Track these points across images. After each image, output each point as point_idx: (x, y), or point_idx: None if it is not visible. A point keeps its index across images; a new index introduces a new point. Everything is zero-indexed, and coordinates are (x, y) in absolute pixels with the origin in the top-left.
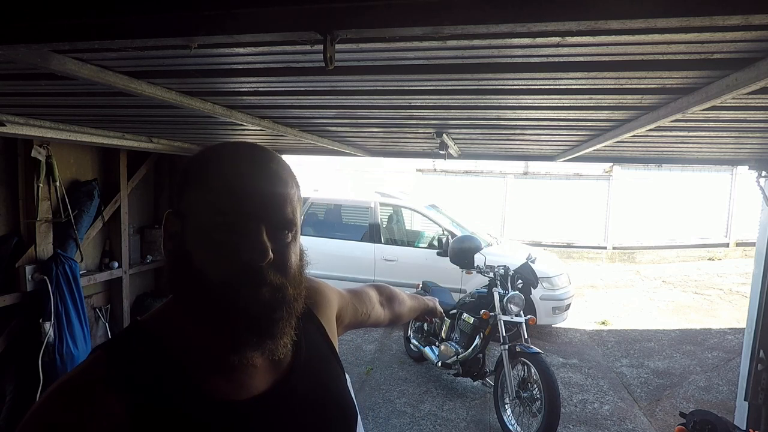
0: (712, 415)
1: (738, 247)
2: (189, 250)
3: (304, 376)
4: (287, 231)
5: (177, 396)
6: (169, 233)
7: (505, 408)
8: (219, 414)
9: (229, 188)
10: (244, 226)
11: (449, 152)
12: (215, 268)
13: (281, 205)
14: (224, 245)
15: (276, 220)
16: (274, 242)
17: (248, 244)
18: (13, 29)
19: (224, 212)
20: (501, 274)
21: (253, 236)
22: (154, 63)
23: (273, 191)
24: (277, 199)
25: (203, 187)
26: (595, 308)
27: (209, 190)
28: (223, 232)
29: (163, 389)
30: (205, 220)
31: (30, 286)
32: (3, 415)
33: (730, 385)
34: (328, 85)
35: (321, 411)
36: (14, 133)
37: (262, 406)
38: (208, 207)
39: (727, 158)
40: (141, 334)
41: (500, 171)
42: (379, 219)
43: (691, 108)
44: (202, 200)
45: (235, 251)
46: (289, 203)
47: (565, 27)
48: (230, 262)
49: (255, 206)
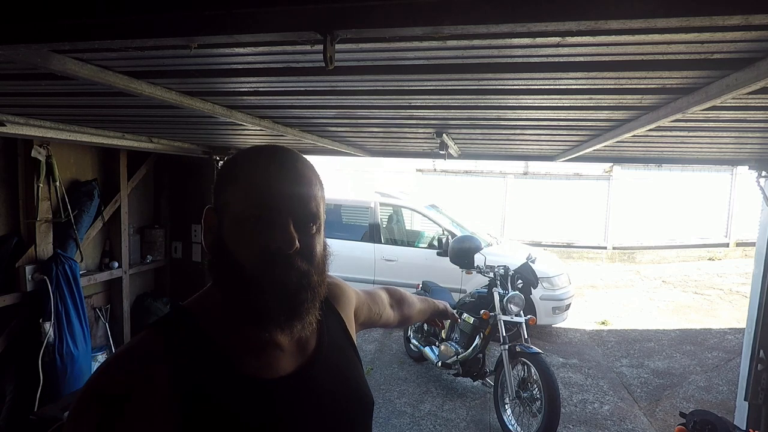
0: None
1: (738, 247)
2: (225, 241)
3: (327, 362)
4: (312, 224)
5: (212, 372)
6: (208, 226)
7: (505, 408)
8: (248, 389)
9: (261, 186)
10: (274, 220)
11: (449, 152)
12: (249, 255)
13: (307, 201)
14: (257, 236)
15: (302, 214)
16: (300, 233)
17: (278, 235)
18: (13, 29)
19: (257, 207)
20: (501, 274)
21: (282, 228)
22: (154, 63)
23: (299, 189)
24: (303, 196)
25: (238, 185)
26: (595, 308)
27: (243, 188)
28: (256, 224)
29: (200, 365)
30: (240, 214)
31: (30, 286)
32: (3, 415)
33: (730, 385)
34: (328, 85)
35: (341, 394)
36: (14, 133)
37: (288, 385)
38: (242, 203)
39: (727, 158)
40: (183, 316)
41: (500, 171)
42: (379, 219)
43: (691, 108)
44: (238, 197)
45: (267, 241)
46: (313, 199)
47: (565, 27)
48: (262, 250)
49: (284, 202)
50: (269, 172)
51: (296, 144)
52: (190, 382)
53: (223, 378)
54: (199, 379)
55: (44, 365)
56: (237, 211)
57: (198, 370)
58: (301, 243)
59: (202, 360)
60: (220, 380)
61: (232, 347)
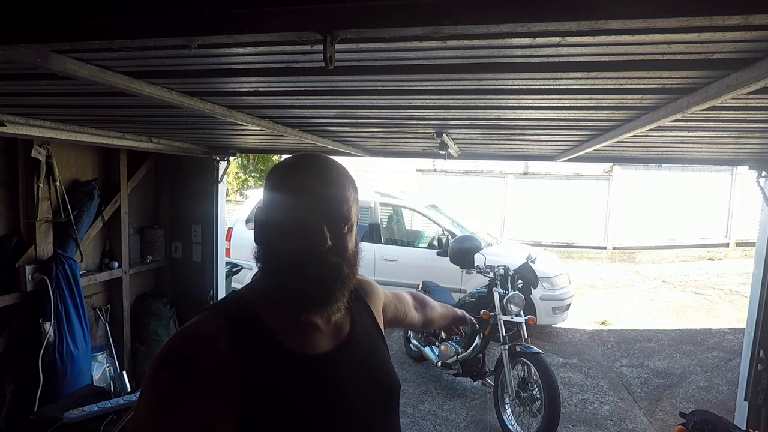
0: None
1: (738, 247)
2: (271, 239)
3: (359, 344)
4: (344, 224)
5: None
6: (258, 223)
7: (505, 408)
8: (293, 362)
9: (300, 192)
10: (310, 222)
11: (449, 152)
12: (289, 252)
13: (339, 205)
14: (296, 237)
15: (335, 217)
16: (333, 233)
17: (313, 235)
18: (13, 29)
19: (296, 210)
20: (501, 274)
21: (317, 229)
22: (154, 63)
23: (333, 194)
24: (336, 200)
25: (281, 190)
26: (595, 308)
27: (285, 193)
28: (295, 227)
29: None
30: (283, 218)
31: (30, 286)
32: (3, 415)
33: (730, 385)
34: (328, 85)
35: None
36: (14, 133)
37: (326, 361)
38: (284, 206)
39: (727, 158)
40: (239, 301)
41: (500, 171)
42: (379, 219)
43: (691, 108)
44: (280, 200)
45: (304, 238)
46: (345, 203)
47: (565, 27)
48: (300, 246)
49: (319, 206)
50: (307, 179)
51: (296, 144)
52: (247, 353)
53: (272, 352)
54: (253, 351)
55: (44, 365)
56: (280, 214)
57: (252, 344)
58: (333, 241)
59: (255, 336)
60: (270, 354)
61: (278, 328)
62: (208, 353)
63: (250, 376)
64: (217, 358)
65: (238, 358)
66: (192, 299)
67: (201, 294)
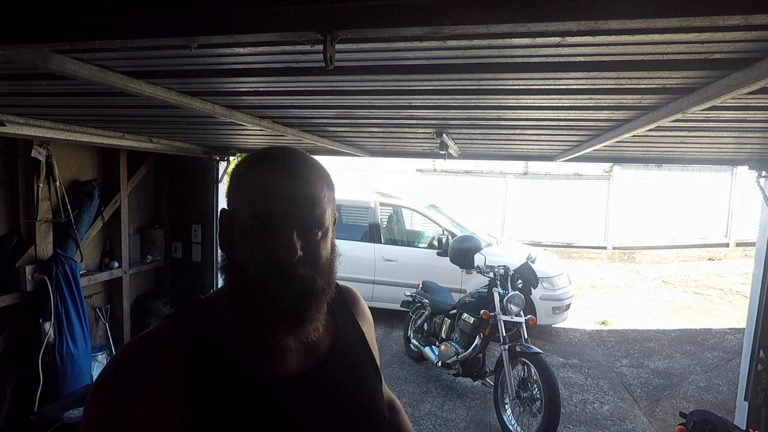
0: (712, 415)
1: (738, 247)
2: (234, 246)
3: (339, 367)
4: (316, 230)
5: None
6: (222, 228)
7: (505, 408)
8: (252, 387)
9: (264, 194)
10: (276, 228)
11: (449, 152)
12: (253, 263)
13: (310, 208)
14: (260, 244)
15: (305, 222)
16: (303, 240)
17: (279, 244)
18: (13, 29)
19: (259, 215)
20: (501, 274)
21: (284, 237)
22: (154, 63)
23: (302, 195)
24: (306, 202)
25: (244, 191)
26: (595, 308)
27: (248, 194)
28: (259, 233)
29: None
30: (246, 223)
31: (30, 286)
32: (3, 415)
33: (730, 385)
34: (328, 85)
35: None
36: (14, 133)
37: (294, 386)
38: (247, 210)
39: (727, 158)
40: (201, 309)
41: (500, 171)
42: (379, 219)
43: (691, 108)
44: (243, 203)
45: (269, 249)
46: (318, 206)
47: (565, 27)
48: (265, 258)
49: (286, 210)
50: (274, 179)
51: (296, 144)
52: (198, 374)
53: (228, 374)
54: (205, 373)
55: (44, 365)
56: (243, 218)
57: (206, 364)
58: (304, 250)
59: (210, 355)
60: (224, 376)
61: (240, 345)
62: (154, 366)
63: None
64: (163, 372)
65: (186, 379)
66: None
67: (201, 294)
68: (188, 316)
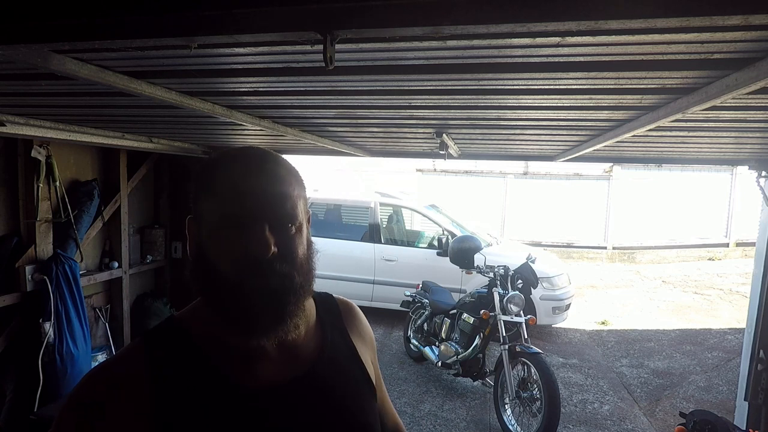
0: (712, 415)
1: (738, 247)
2: (204, 250)
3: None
4: (290, 224)
5: (199, 381)
6: (191, 236)
7: (505, 408)
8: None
9: (232, 191)
10: (248, 224)
11: (449, 152)
12: (227, 262)
13: (281, 202)
14: (232, 242)
15: (277, 216)
16: (278, 236)
17: (253, 240)
18: (13, 29)
19: (230, 213)
20: (501, 274)
21: (257, 233)
22: (154, 63)
23: (272, 190)
24: (277, 197)
25: (210, 191)
26: (595, 308)
27: (215, 194)
28: (230, 230)
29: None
30: (215, 221)
31: (30, 286)
32: (3, 415)
33: (730, 385)
34: (328, 85)
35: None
36: (14, 133)
37: (275, 396)
38: (215, 209)
39: (727, 158)
40: (174, 327)
41: (500, 171)
42: (379, 219)
43: (691, 108)
44: (211, 203)
45: (242, 247)
46: (288, 199)
47: (565, 27)
48: (239, 256)
49: (256, 205)
50: (240, 176)
51: (296, 144)
52: (173, 390)
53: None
54: (182, 387)
55: (44, 365)
56: (212, 219)
57: (183, 378)
58: (279, 246)
59: (187, 369)
60: (204, 389)
61: (219, 357)
62: (120, 394)
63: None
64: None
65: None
66: (192, 299)
67: None
68: (160, 333)
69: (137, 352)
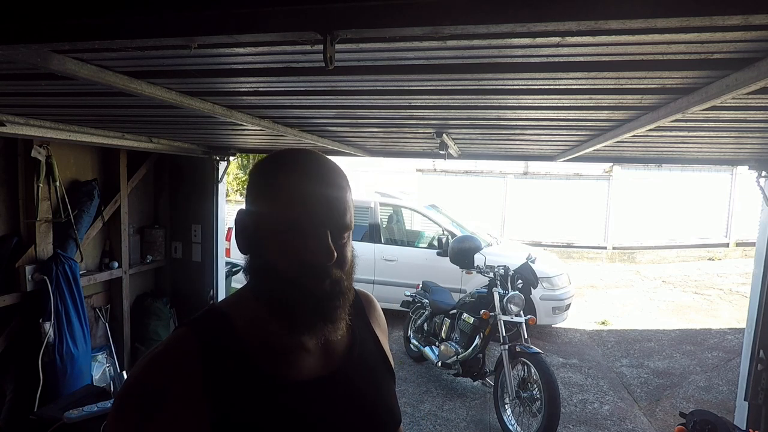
0: (712, 415)
1: (738, 247)
2: (263, 249)
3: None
4: (346, 233)
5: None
6: (242, 228)
7: (505, 408)
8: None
9: (298, 199)
10: (313, 232)
11: (449, 152)
12: (287, 263)
13: (343, 213)
14: (296, 247)
15: (338, 226)
16: (336, 243)
17: (317, 248)
18: (13, 29)
19: (295, 220)
20: (501, 274)
21: (321, 240)
22: (154, 63)
23: (336, 200)
24: (340, 207)
25: (272, 195)
26: (595, 308)
27: (278, 198)
28: (295, 235)
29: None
30: (278, 225)
31: (30, 286)
32: (3, 415)
33: (730, 385)
34: (328, 85)
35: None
36: (14, 133)
37: (314, 389)
38: (278, 213)
39: (727, 158)
40: (217, 316)
41: (500, 171)
42: (379, 219)
43: (691, 108)
44: (273, 206)
45: (307, 253)
46: (348, 210)
47: (565, 27)
48: (301, 261)
49: (322, 214)
50: (305, 183)
51: (296, 144)
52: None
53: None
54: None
55: (44, 365)
56: (274, 222)
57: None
58: (336, 253)
59: (233, 361)
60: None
61: (260, 348)
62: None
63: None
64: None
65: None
66: (192, 299)
67: (201, 294)
68: (206, 325)
69: (189, 343)
